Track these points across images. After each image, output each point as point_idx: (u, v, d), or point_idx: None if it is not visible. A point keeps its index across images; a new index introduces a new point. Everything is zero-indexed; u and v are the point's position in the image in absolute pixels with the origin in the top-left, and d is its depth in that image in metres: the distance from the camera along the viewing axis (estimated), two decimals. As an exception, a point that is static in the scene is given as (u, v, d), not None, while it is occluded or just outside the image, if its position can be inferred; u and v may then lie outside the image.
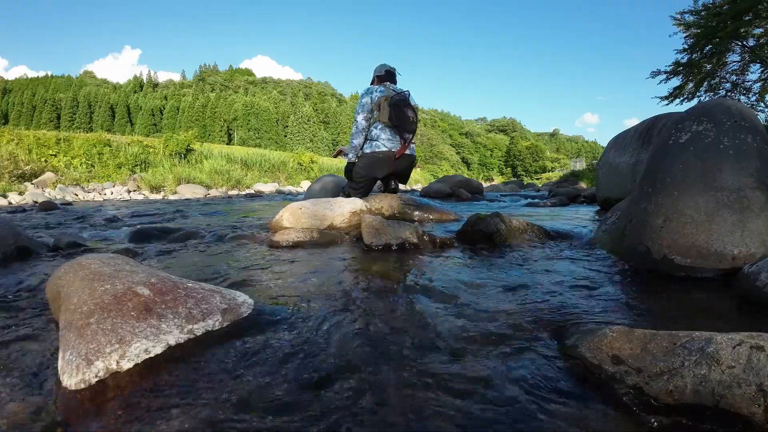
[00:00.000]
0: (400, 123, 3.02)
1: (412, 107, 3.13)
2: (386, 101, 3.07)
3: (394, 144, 3.10)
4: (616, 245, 1.86)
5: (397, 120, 3.02)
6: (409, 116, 3.05)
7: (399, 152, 3.04)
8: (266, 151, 24.49)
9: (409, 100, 3.15)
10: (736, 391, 0.66)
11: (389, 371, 0.84)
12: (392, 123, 3.04)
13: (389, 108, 3.03)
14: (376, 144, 3.10)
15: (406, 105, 3.07)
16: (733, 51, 12.30)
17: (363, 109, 3.13)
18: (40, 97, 65.78)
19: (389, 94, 3.11)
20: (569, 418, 0.69)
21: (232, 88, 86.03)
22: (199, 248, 2.27)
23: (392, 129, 3.09)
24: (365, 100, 3.15)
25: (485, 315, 1.14)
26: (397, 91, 3.15)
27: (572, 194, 6.47)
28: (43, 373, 0.87)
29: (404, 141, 3.07)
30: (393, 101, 3.06)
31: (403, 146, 3.08)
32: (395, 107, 3.03)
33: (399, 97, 3.08)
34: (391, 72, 3.34)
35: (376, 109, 3.10)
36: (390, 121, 3.04)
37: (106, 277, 1.04)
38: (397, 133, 3.08)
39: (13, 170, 11.92)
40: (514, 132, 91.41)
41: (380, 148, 3.07)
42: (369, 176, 3.19)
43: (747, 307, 1.20)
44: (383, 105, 3.06)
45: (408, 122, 3.05)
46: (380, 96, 3.11)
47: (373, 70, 3.41)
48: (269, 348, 0.93)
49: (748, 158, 1.51)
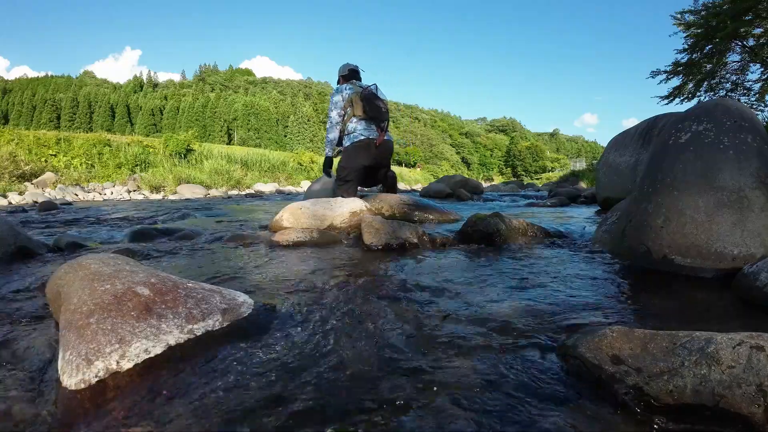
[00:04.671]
0: (374, 114, 3.26)
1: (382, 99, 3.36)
2: (358, 96, 3.30)
3: (371, 132, 3.32)
4: (616, 245, 1.86)
5: (371, 111, 3.26)
6: (380, 106, 3.29)
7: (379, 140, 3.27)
8: (266, 151, 24.49)
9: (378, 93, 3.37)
10: (736, 391, 0.66)
11: (390, 371, 0.84)
12: (367, 115, 3.28)
13: (362, 102, 3.27)
14: (354, 135, 3.31)
15: (376, 97, 3.31)
16: (733, 51, 12.29)
17: (336, 106, 3.36)
18: (40, 97, 65.77)
19: (358, 90, 3.34)
20: (569, 418, 0.69)
21: (232, 88, 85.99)
22: (199, 248, 2.27)
23: (368, 120, 3.32)
24: (336, 98, 3.38)
25: (485, 315, 1.14)
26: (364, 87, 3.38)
27: (572, 194, 6.47)
28: (43, 373, 0.87)
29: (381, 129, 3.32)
30: (364, 95, 3.29)
31: (381, 134, 3.31)
32: (367, 100, 3.27)
33: (368, 91, 3.31)
34: (354, 70, 3.57)
35: (349, 106, 3.33)
36: (365, 113, 3.27)
37: (106, 277, 1.04)
38: (373, 123, 3.32)
39: (13, 170, 11.93)
40: (514, 132, 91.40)
41: (359, 138, 3.29)
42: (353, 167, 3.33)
43: (747, 307, 1.20)
44: (356, 100, 3.30)
45: (381, 112, 3.28)
46: (350, 93, 3.34)
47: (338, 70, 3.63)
48: (269, 348, 0.93)
49: (748, 158, 1.51)
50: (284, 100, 78.71)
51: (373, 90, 3.33)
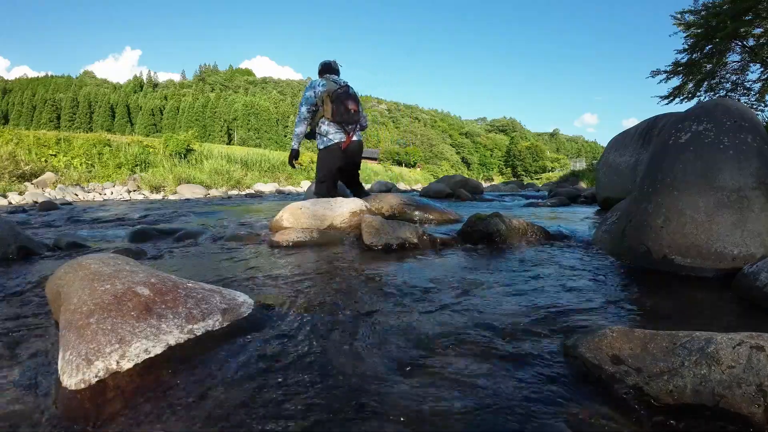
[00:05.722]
0: (342, 118, 3.37)
1: (353, 97, 3.44)
2: (329, 97, 3.36)
3: (341, 136, 3.45)
4: (616, 245, 1.86)
5: (339, 116, 3.36)
6: (350, 109, 3.37)
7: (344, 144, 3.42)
8: (266, 151, 24.46)
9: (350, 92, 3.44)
10: (736, 391, 0.66)
11: (390, 371, 0.84)
12: (335, 119, 3.38)
13: (332, 104, 3.35)
14: (328, 139, 3.45)
15: (347, 97, 3.38)
16: (733, 51, 12.28)
17: (306, 101, 3.44)
18: (40, 97, 65.74)
19: (331, 88, 3.38)
20: (569, 417, 0.69)
21: (232, 88, 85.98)
22: (199, 248, 2.27)
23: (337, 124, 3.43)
24: (309, 93, 3.45)
25: (485, 315, 1.14)
26: (339, 84, 3.44)
27: (572, 194, 6.46)
28: (43, 373, 0.87)
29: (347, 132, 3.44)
30: (335, 96, 3.35)
31: (348, 137, 3.43)
32: (337, 102, 3.35)
33: (340, 90, 3.37)
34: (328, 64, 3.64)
35: (320, 104, 3.41)
36: (333, 117, 3.37)
37: (106, 277, 1.03)
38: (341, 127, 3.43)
39: (13, 170, 11.91)
40: (514, 132, 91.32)
41: (331, 142, 3.44)
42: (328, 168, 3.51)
43: (747, 307, 1.20)
44: (326, 101, 3.37)
45: (349, 115, 3.37)
46: (322, 91, 3.40)
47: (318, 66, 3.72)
48: (269, 348, 0.93)
49: (748, 158, 1.51)
50: (284, 100, 78.71)
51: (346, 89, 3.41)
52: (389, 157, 51.50)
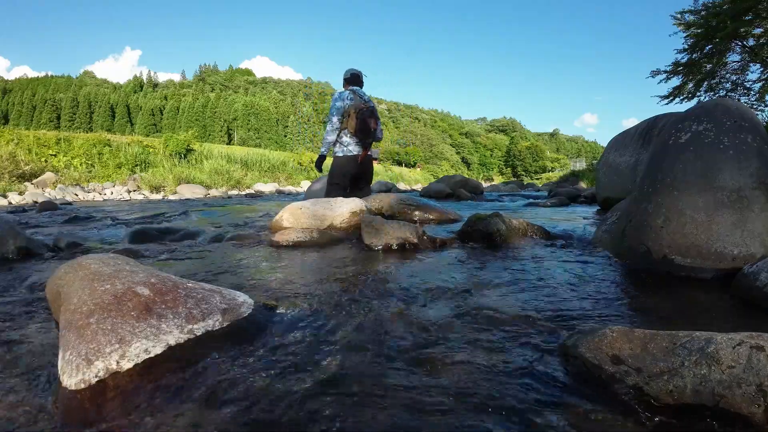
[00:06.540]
0: (363, 135, 3.70)
1: (376, 117, 3.81)
2: (355, 113, 3.65)
3: (359, 149, 3.81)
4: (616, 245, 1.86)
5: (362, 134, 3.68)
6: (371, 127, 3.70)
7: (361, 157, 3.78)
8: (266, 151, 24.47)
9: (374, 112, 3.79)
10: (736, 391, 0.66)
11: (390, 371, 0.84)
12: (357, 135, 3.69)
13: (356, 120, 3.64)
14: (347, 149, 3.79)
15: (371, 116, 3.71)
16: (733, 51, 12.28)
17: (338, 111, 3.73)
18: (40, 97, 65.71)
19: (358, 105, 3.68)
20: (569, 417, 0.69)
21: (232, 88, 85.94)
22: (199, 248, 2.27)
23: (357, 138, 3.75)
24: (339, 104, 3.74)
25: (485, 315, 1.14)
26: (365, 100, 3.76)
27: (572, 194, 6.46)
28: (43, 373, 0.87)
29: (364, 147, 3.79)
30: (359, 113, 3.64)
31: (365, 151, 3.80)
32: (361, 119, 3.64)
33: (366, 109, 3.69)
34: (357, 75, 3.94)
35: (346, 116, 3.71)
36: (355, 131, 3.68)
37: (106, 277, 1.03)
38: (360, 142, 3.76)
39: (13, 170, 11.91)
40: (514, 132, 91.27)
41: (351, 153, 3.79)
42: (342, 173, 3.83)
43: (747, 307, 1.20)
44: (352, 115, 3.65)
45: (370, 133, 3.72)
46: (350, 104, 3.69)
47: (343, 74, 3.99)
48: (269, 348, 0.93)
49: (748, 158, 1.51)
50: (284, 100, 78.70)
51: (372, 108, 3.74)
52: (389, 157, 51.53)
